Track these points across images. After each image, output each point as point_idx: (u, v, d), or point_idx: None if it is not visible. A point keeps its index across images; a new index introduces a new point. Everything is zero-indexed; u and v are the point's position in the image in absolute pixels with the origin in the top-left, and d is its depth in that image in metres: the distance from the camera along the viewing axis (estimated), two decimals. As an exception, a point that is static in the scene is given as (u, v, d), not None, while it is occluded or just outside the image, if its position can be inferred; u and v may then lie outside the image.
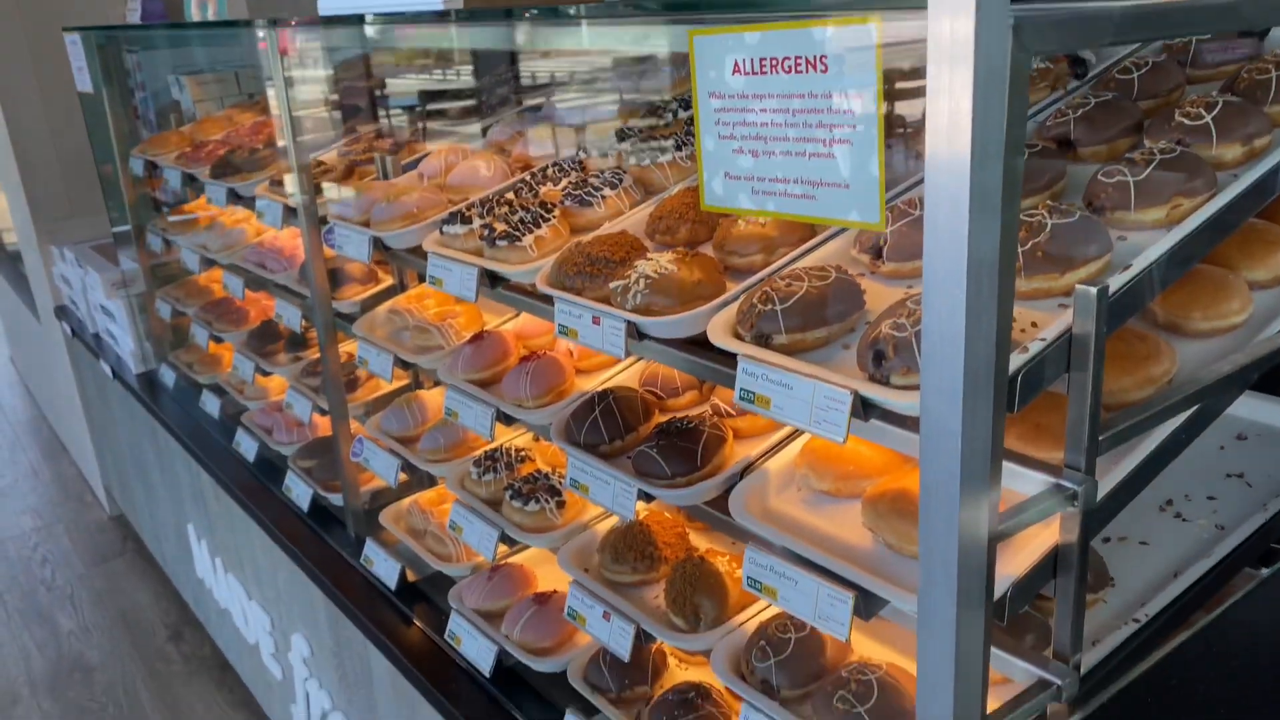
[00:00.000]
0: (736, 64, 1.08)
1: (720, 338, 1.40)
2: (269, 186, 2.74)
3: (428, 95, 3.06)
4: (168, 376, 3.81)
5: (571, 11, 1.48)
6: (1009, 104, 0.92)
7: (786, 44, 1.02)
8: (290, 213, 2.55)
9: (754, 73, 1.06)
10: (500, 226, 1.87)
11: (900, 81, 1.32)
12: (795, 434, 1.68)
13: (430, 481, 2.67)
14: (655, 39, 1.34)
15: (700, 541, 1.96)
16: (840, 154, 1.01)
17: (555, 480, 2.10)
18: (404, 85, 3.18)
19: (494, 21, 1.80)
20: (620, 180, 1.91)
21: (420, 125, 2.89)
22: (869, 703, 1.36)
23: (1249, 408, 1.93)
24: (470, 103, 2.85)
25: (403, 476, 2.44)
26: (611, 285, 1.58)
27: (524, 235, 1.82)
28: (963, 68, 0.85)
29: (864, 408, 1.20)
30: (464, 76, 3.07)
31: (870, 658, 1.50)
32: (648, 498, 1.64)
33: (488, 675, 2.03)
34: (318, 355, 3.01)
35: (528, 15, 1.67)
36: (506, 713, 1.97)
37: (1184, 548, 1.63)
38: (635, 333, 1.54)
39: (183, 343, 3.86)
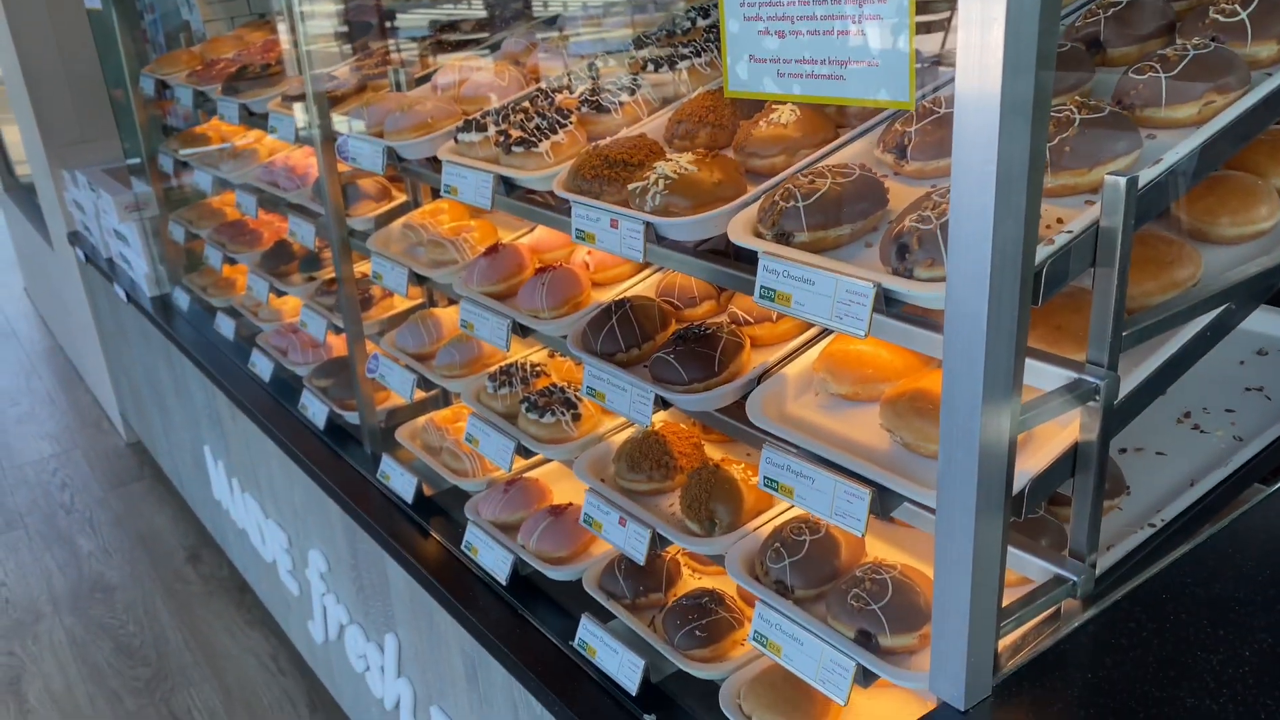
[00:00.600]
0: (763, -59, 1.05)
1: (741, 236, 1.38)
2: (281, 102, 2.71)
3: (439, 11, 3.01)
4: (182, 300, 3.81)
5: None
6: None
7: (815, -83, 0.99)
8: (303, 128, 2.52)
9: (781, -50, 1.04)
10: (516, 133, 1.84)
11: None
12: (812, 342, 1.67)
13: (445, 400, 2.68)
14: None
15: (715, 453, 1.96)
16: (870, 30, 0.98)
17: (571, 393, 2.10)
18: (415, 9, 3.13)
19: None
20: (638, 87, 1.88)
21: (432, 41, 2.84)
22: (883, 600, 1.37)
23: (1270, 323, 1.91)
24: (483, 18, 2.80)
25: (418, 394, 2.44)
26: (630, 187, 1.57)
27: (540, 141, 1.80)
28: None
29: (886, 302, 1.19)
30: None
31: (884, 559, 1.50)
32: (664, 404, 1.64)
33: (504, 584, 2.06)
34: (332, 275, 3.01)
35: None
36: (523, 619, 1.99)
37: (1201, 458, 1.63)
38: (654, 235, 1.53)
39: (196, 266, 3.86)
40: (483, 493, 2.26)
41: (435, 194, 2.57)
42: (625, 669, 1.74)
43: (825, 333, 1.66)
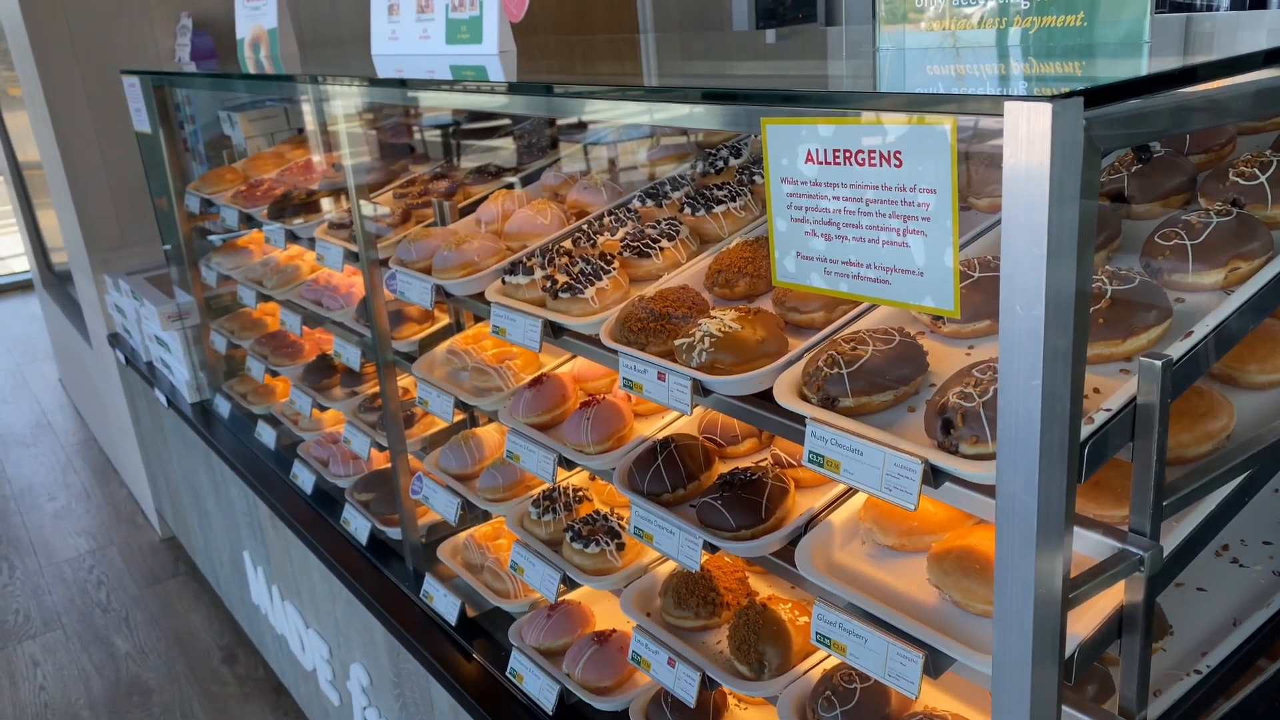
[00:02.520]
0: (809, 153, 1.12)
1: (787, 399, 1.44)
2: (327, 229, 2.81)
3: (476, 136, 3.13)
4: (222, 407, 3.90)
5: (634, 90, 1.53)
6: (1081, 197, 0.96)
7: (861, 137, 1.07)
8: (350, 255, 2.62)
9: (827, 162, 1.11)
10: (562, 278, 1.92)
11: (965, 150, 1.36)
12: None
13: (485, 515, 2.73)
14: (719, 120, 1.39)
15: (760, 585, 2.00)
16: (914, 243, 1.05)
17: (615, 522, 2.15)
18: (451, 126, 3.25)
19: (539, 94, 1.84)
20: (677, 232, 1.96)
21: (469, 168, 2.96)
22: (936, 754, 1.40)
23: (1303, 449, 1.94)
24: (520, 145, 2.91)
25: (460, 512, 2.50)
26: (676, 342, 1.63)
27: (586, 287, 1.87)
28: (1039, 178, 0.89)
29: (934, 475, 1.24)
30: (510, 121, 3.14)
31: (935, 708, 1.53)
32: (712, 548, 1.69)
33: (550, 713, 2.08)
34: (373, 389, 3.09)
35: (578, 91, 1.70)
36: (570, 750, 2.02)
37: (1242, 594, 1.65)
38: (700, 389, 1.59)
39: (236, 372, 3.95)
40: (526, 616, 2.30)
41: (478, 318, 2.65)
42: (676, 808, 1.76)
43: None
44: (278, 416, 3.57)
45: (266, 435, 3.56)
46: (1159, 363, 1.18)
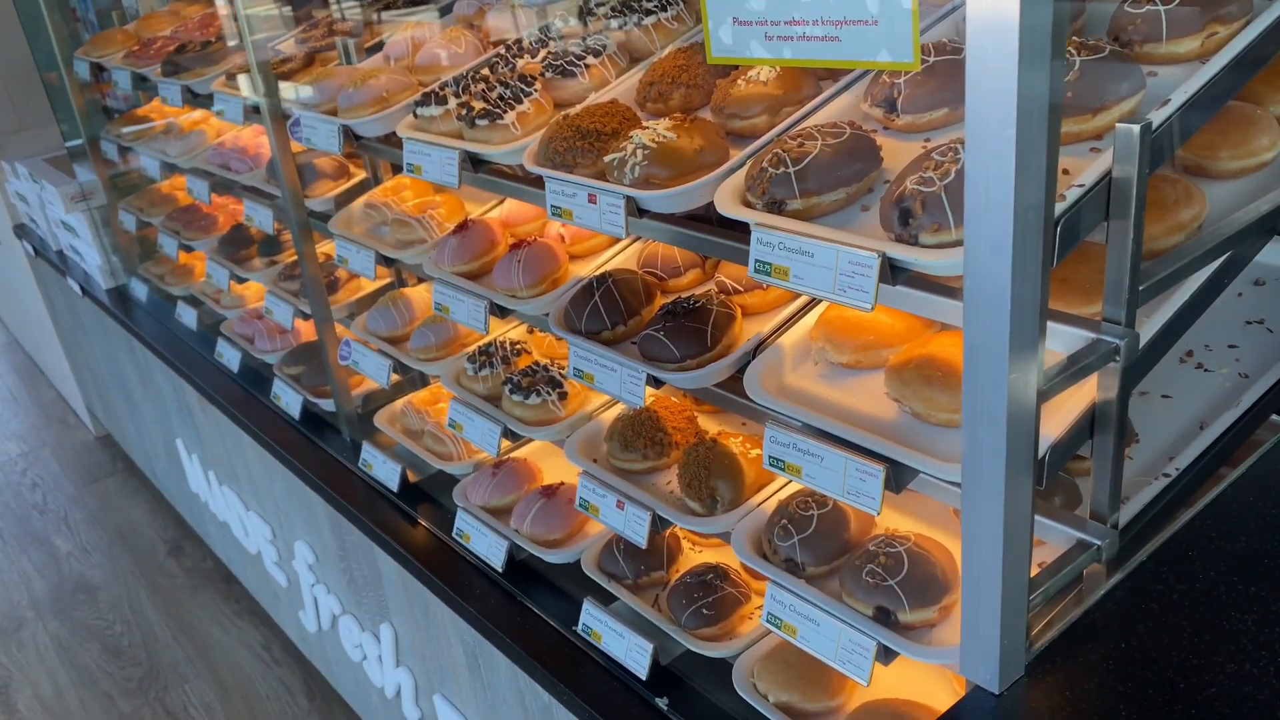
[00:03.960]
0: (743, -108, 0.96)
1: (729, 207, 1.31)
2: (226, 81, 2.58)
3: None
4: (139, 290, 3.68)
5: None
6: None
7: None
8: (251, 108, 2.40)
9: (764, -100, 0.95)
10: (479, 105, 1.75)
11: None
12: (807, 308, 1.60)
13: (423, 381, 2.60)
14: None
15: (710, 425, 1.90)
16: (867, -14, 0.90)
17: (555, 371, 2.03)
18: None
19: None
20: (604, 47, 1.78)
21: (380, 6, 2.71)
22: (900, 575, 1.33)
23: (1266, 251, 1.86)
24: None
25: (395, 377, 2.36)
26: (606, 159, 1.48)
27: (505, 112, 1.70)
28: None
29: (892, 271, 1.13)
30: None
31: (896, 529, 1.46)
32: (656, 383, 1.58)
33: (500, 570, 2.00)
34: (294, 258, 2.90)
35: None
36: (523, 606, 1.94)
37: (1208, 399, 1.59)
38: (635, 209, 1.45)
39: (152, 254, 3.72)
40: (470, 476, 2.19)
41: (396, 169, 2.46)
42: (633, 653, 1.70)
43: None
44: (198, 296, 3.37)
45: (187, 316, 3.36)
46: (1137, 128, 1.06)
